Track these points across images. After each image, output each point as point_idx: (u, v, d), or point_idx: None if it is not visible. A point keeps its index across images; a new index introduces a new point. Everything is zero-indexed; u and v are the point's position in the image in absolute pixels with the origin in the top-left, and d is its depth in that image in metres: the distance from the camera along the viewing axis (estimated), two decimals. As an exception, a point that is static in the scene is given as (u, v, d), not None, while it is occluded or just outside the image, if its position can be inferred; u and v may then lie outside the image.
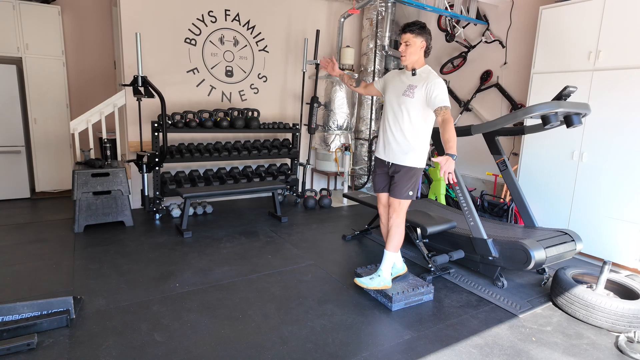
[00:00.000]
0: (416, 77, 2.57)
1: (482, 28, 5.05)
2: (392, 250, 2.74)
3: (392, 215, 2.70)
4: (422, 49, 2.54)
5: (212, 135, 5.13)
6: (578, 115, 2.68)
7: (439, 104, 2.44)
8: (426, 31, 2.53)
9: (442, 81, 2.49)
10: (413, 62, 2.58)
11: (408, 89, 2.57)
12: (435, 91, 2.46)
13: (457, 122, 5.47)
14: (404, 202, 2.66)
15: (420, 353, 2.20)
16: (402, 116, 2.60)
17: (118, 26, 4.51)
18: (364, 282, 2.75)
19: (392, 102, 2.66)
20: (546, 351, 2.27)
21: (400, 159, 2.65)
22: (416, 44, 2.52)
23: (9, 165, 4.90)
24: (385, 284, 2.70)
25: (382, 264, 2.77)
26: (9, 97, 4.78)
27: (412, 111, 2.56)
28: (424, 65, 2.60)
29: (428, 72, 2.57)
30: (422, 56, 2.58)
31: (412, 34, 2.51)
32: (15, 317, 2.26)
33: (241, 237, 3.94)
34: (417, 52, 2.54)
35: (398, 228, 2.70)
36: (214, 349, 2.15)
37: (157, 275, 3.01)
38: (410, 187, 2.63)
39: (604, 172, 3.50)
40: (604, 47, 3.46)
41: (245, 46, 5.17)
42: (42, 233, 3.81)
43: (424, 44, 2.54)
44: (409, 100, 2.56)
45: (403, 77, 2.66)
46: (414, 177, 2.63)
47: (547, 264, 2.91)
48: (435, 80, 2.49)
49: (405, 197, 2.64)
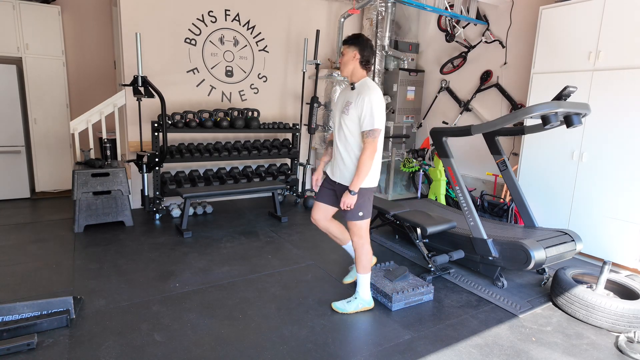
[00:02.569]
0: (354, 92, 2.43)
1: (482, 28, 5.06)
2: (363, 272, 2.57)
3: (353, 238, 2.57)
4: (355, 59, 2.41)
5: (212, 135, 5.13)
6: (578, 116, 2.68)
7: (364, 128, 2.33)
8: (360, 42, 2.40)
9: (374, 97, 2.32)
10: (350, 74, 2.46)
11: (346, 105, 2.43)
12: (364, 110, 2.32)
13: (457, 122, 5.47)
14: (359, 224, 2.49)
15: (420, 353, 2.20)
16: (345, 135, 2.45)
17: (118, 26, 4.51)
18: (340, 308, 2.60)
19: (336, 120, 2.53)
20: (546, 351, 2.27)
21: (346, 179, 2.49)
22: (349, 54, 2.41)
23: (9, 165, 4.90)
24: (365, 305, 2.60)
25: (358, 286, 2.62)
26: (9, 97, 4.78)
27: (352, 129, 2.42)
28: (363, 77, 2.45)
29: (363, 85, 2.41)
30: (358, 67, 2.43)
31: (345, 45, 2.43)
32: (15, 317, 2.26)
33: (241, 237, 3.94)
34: (350, 62, 2.42)
35: (362, 249, 2.55)
36: (214, 349, 2.15)
37: (157, 275, 3.01)
38: (360, 208, 2.46)
39: (604, 172, 3.50)
40: (604, 47, 3.46)
41: (245, 46, 5.17)
42: (42, 233, 3.81)
43: (356, 55, 2.40)
44: (347, 118, 2.42)
45: (347, 93, 2.52)
46: (362, 198, 2.45)
47: (547, 264, 2.91)
48: (367, 97, 2.32)
49: (358, 219, 2.48)
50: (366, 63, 2.42)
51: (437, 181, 4.71)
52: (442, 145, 3.24)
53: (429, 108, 5.98)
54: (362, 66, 2.42)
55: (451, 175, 3.23)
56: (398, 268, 2.95)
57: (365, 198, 2.48)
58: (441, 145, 3.25)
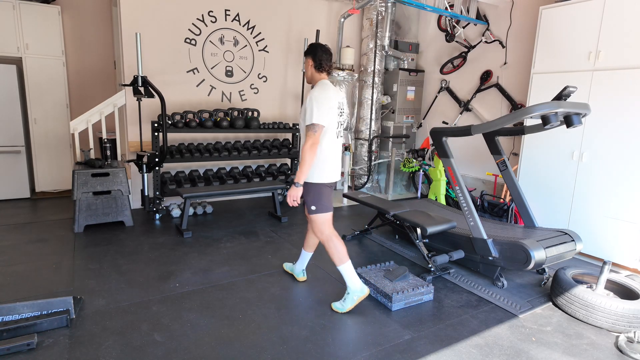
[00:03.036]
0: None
1: (482, 28, 5.06)
2: (340, 263, 2.58)
3: (316, 235, 2.66)
4: (310, 66, 2.62)
5: (212, 135, 5.14)
6: (578, 116, 2.68)
7: (306, 122, 2.47)
8: (311, 50, 2.61)
9: (316, 93, 2.48)
10: (310, 80, 2.68)
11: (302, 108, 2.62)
12: (307, 106, 2.49)
13: (457, 122, 5.47)
14: (314, 218, 2.59)
15: (420, 353, 2.20)
16: (302, 136, 2.60)
17: (118, 26, 4.51)
18: (339, 308, 2.61)
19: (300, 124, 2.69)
20: (546, 351, 2.27)
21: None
22: (307, 63, 2.65)
23: (9, 165, 4.90)
24: (360, 295, 2.58)
25: (345, 280, 2.61)
26: (9, 97, 4.78)
27: (303, 128, 2.58)
28: (320, 80, 2.63)
29: (315, 86, 2.60)
30: (315, 72, 2.62)
31: (304, 57, 2.69)
32: (15, 317, 2.26)
33: (241, 237, 3.94)
34: (308, 70, 2.66)
35: (327, 245, 2.59)
36: (214, 349, 2.15)
37: (157, 275, 3.01)
38: (312, 202, 2.57)
39: (604, 172, 3.51)
40: (603, 47, 3.46)
41: (245, 46, 5.17)
42: (42, 233, 3.81)
43: (310, 62, 2.62)
44: (300, 119, 2.62)
45: None
46: (311, 193, 2.56)
47: (547, 264, 2.91)
48: (310, 94, 2.50)
49: (311, 212, 2.59)
50: (319, 67, 2.60)
51: (437, 181, 4.71)
52: (442, 145, 3.24)
53: (429, 108, 5.98)
54: (317, 70, 2.62)
55: (451, 175, 3.23)
56: (398, 268, 2.95)
57: (315, 193, 2.56)
58: (441, 145, 3.25)
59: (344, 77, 5.44)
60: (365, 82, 5.78)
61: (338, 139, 2.62)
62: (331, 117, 2.50)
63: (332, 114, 2.50)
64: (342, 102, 2.64)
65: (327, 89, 2.53)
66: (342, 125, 2.66)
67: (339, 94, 2.63)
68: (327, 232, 2.59)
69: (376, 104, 5.79)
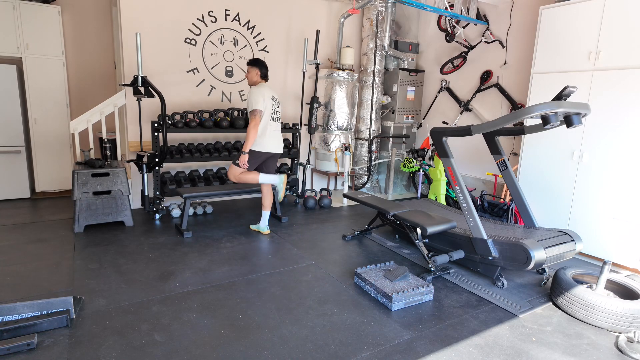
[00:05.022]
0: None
1: (482, 28, 5.06)
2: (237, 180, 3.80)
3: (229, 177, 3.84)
4: (257, 75, 3.73)
5: (212, 135, 5.14)
6: (578, 116, 2.68)
7: (248, 109, 3.65)
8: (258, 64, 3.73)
9: (255, 91, 3.61)
10: (252, 82, 3.77)
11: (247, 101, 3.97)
12: (249, 100, 3.65)
13: (457, 122, 5.47)
14: (231, 165, 3.76)
15: (420, 353, 2.20)
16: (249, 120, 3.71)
17: (118, 26, 4.51)
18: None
19: None
20: (546, 351, 2.27)
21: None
22: (253, 71, 3.72)
23: (9, 165, 4.90)
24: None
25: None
26: (9, 97, 4.78)
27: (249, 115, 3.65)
28: (258, 83, 3.75)
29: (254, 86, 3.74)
30: (258, 79, 3.74)
31: (249, 65, 3.75)
32: (15, 317, 2.26)
33: (241, 237, 3.94)
34: (254, 77, 3.74)
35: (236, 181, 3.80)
36: (214, 349, 2.15)
37: (157, 275, 3.01)
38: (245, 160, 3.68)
39: (604, 172, 3.51)
40: (603, 47, 3.46)
41: (245, 46, 5.17)
42: (42, 233, 3.81)
43: (258, 72, 3.73)
44: (248, 109, 3.71)
45: None
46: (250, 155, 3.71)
47: (547, 264, 2.91)
48: (251, 91, 3.65)
49: (234, 162, 3.74)
50: (263, 76, 3.75)
51: (437, 181, 4.71)
52: (442, 145, 3.24)
53: (429, 108, 5.98)
54: (261, 78, 3.75)
55: (451, 175, 3.23)
56: (398, 268, 2.95)
57: (251, 156, 3.71)
58: (441, 145, 3.25)
59: (344, 77, 5.44)
60: (365, 82, 5.78)
61: (275, 123, 3.78)
62: (266, 104, 3.62)
63: (267, 103, 3.63)
64: (275, 97, 3.79)
65: (263, 88, 3.66)
66: (278, 112, 3.83)
67: (273, 91, 3.77)
68: (232, 178, 3.77)
69: (376, 104, 5.79)
